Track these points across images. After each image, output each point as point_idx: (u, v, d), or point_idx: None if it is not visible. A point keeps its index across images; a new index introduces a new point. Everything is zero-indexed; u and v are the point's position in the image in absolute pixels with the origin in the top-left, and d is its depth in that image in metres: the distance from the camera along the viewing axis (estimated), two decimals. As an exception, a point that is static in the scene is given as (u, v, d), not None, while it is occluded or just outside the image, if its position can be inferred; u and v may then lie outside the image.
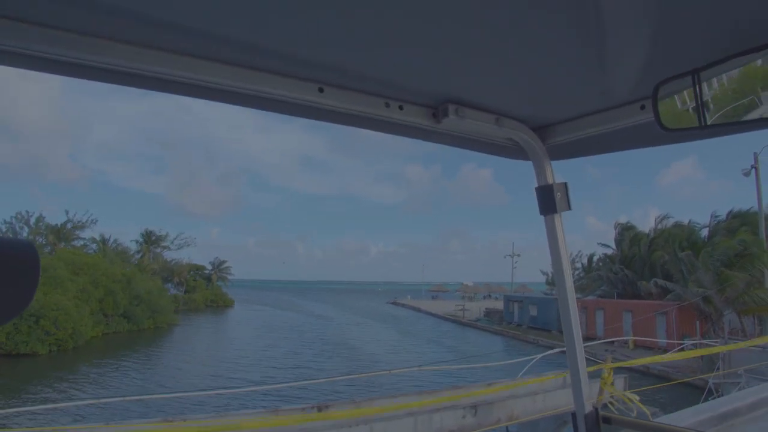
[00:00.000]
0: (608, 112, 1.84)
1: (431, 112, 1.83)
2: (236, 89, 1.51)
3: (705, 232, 40.20)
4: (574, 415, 2.30)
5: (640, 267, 44.27)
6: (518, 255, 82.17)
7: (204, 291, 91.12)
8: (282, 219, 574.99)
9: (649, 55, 1.42)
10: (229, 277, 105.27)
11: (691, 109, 1.36)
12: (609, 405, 8.74)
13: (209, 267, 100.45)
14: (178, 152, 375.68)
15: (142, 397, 8.90)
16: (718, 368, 24.05)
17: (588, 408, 2.27)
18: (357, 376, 11.81)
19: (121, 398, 21.62)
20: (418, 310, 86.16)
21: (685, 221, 43.39)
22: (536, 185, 2.25)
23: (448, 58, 1.48)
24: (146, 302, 58.17)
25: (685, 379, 23.95)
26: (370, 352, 40.10)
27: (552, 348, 12.66)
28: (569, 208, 2.22)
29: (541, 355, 14.13)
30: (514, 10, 1.24)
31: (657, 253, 41.44)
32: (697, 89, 1.31)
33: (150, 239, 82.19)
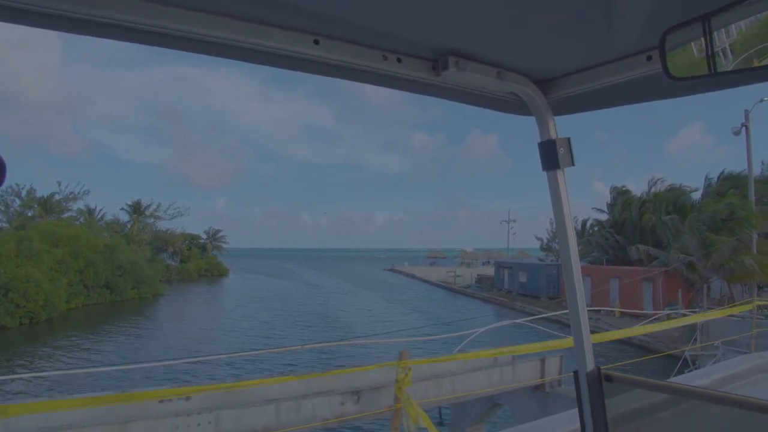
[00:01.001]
0: (613, 64, 1.75)
1: (430, 64, 1.73)
2: (228, 41, 1.42)
3: (698, 196, 38.32)
4: (576, 373, 2.17)
5: (631, 232, 42.54)
6: (514, 221, 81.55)
7: (198, 260, 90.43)
8: (287, 188, 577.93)
9: (656, 1, 1.36)
10: (228, 246, 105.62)
11: (700, 57, 1.27)
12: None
13: (204, 236, 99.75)
14: (181, 124, 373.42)
15: (69, 371, 8.07)
16: (695, 339, 23.08)
17: (590, 366, 2.13)
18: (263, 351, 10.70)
19: (54, 372, 22.35)
20: (413, 276, 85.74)
21: (685, 184, 41.56)
22: (539, 140, 2.08)
23: (448, 8, 1.41)
24: (130, 273, 57.51)
25: (664, 353, 22.78)
26: (347, 322, 39.19)
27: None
28: (573, 164, 2.05)
29: (483, 329, 12.71)
30: None
31: (646, 216, 39.65)
32: (708, 36, 1.23)
33: (139, 209, 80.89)
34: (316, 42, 1.51)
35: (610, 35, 1.57)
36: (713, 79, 1.27)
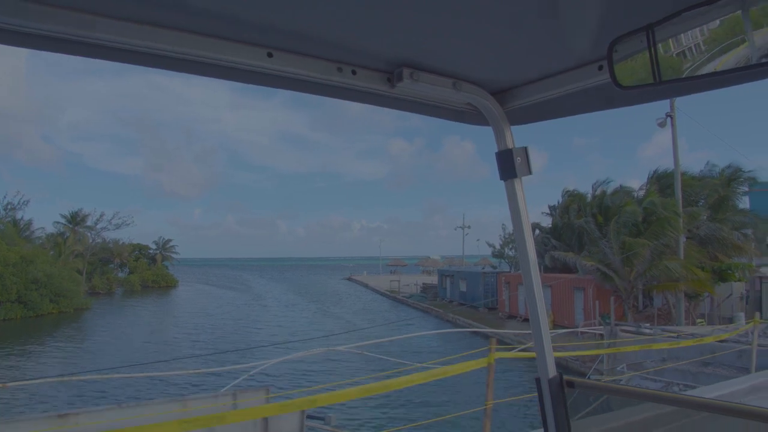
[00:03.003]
0: (566, 74, 1.77)
1: (386, 76, 1.74)
2: (181, 55, 1.42)
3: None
4: (538, 380, 2.20)
5: (569, 237, 39.31)
6: (468, 227, 78.47)
7: (145, 272, 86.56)
8: (263, 197, 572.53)
9: (603, 12, 1.39)
10: (180, 256, 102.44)
11: (647, 68, 1.33)
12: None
13: (154, 247, 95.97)
14: (154, 133, 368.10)
15: None
16: (601, 360, 20.70)
17: (551, 373, 2.15)
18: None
19: None
20: (366, 285, 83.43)
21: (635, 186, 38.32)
22: (496, 150, 2.10)
23: (402, 20, 1.42)
24: (47, 286, 53.52)
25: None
26: (256, 340, 35.65)
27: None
28: (530, 172, 2.08)
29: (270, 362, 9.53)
30: None
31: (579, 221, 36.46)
32: (652, 46, 1.29)
33: (75, 220, 76.95)
34: (270, 55, 1.51)
35: (562, 46, 1.60)
36: (659, 87, 1.32)
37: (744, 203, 33.82)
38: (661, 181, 31.94)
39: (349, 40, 1.52)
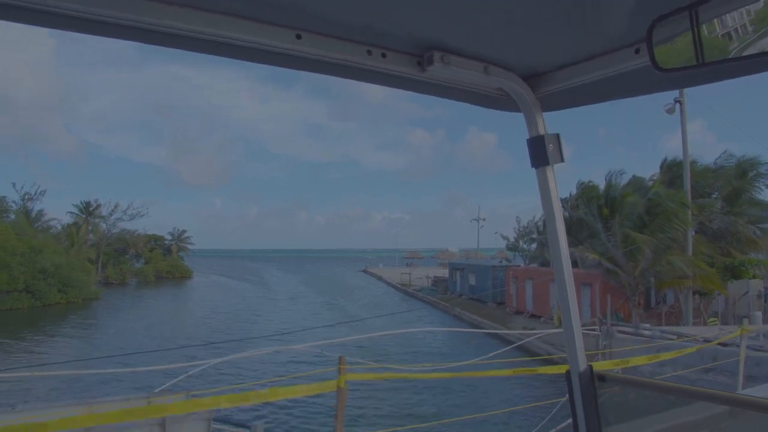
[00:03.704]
0: (602, 58, 1.73)
1: (416, 60, 1.72)
2: (208, 37, 1.40)
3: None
4: (568, 373, 2.16)
5: (578, 231, 37.76)
6: (484, 219, 77.00)
7: (159, 262, 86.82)
8: (283, 187, 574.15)
9: None
10: (195, 247, 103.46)
11: (689, 49, 1.28)
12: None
13: (169, 238, 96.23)
14: (173, 122, 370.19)
15: None
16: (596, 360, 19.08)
17: (582, 366, 2.12)
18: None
19: None
20: (380, 278, 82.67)
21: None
22: (527, 137, 2.07)
23: (433, 2, 1.40)
24: (55, 276, 53.81)
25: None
26: (249, 336, 34.88)
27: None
28: (562, 160, 2.04)
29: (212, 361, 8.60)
30: None
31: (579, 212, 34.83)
32: (695, 26, 1.24)
33: (88, 210, 77.22)
34: (299, 37, 1.49)
35: (597, 28, 1.57)
36: (702, 69, 1.28)
37: (763, 195, 31.95)
38: (672, 171, 30.12)
39: (378, 23, 1.50)
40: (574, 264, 32.44)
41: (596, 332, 19.13)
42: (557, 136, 2.01)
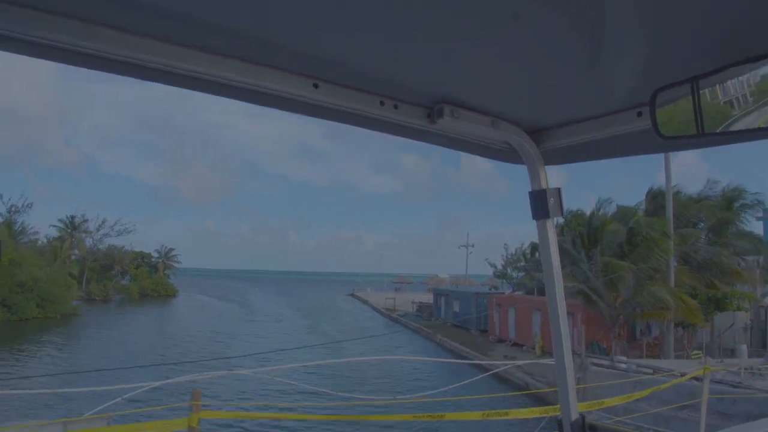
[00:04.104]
0: (605, 118, 1.80)
1: (426, 112, 1.77)
2: (229, 82, 1.44)
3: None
4: (560, 423, 2.20)
5: (561, 259, 37.04)
6: (472, 245, 76.37)
7: (144, 280, 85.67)
8: (277, 208, 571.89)
9: (647, 61, 1.42)
10: (181, 266, 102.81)
11: (689, 118, 1.33)
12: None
13: (156, 255, 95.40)
14: (173, 140, 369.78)
15: None
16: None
17: (574, 415, 2.15)
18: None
19: None
20: (366, 302, 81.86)
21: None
22: (530, 189, 2.15)
23: (445, 57, 1.47)
24: (34, 290, 53.05)
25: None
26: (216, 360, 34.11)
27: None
28: (562, 214, 2.14)
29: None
30: (513, 10, 1.25)
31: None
32: (696, 97, 1.30)
33: (73, 225, 76.47)
34: (316, 86, 1.53)
35: (602, 90, 1.62)
36: (701, 139, 1.33)
37: (750, 227, 31.40)
38: (656, 200, 29.56)
39: (392, 75, 1.55)
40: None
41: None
42: (558, 190, 2.06)
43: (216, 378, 12.77)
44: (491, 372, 18.10)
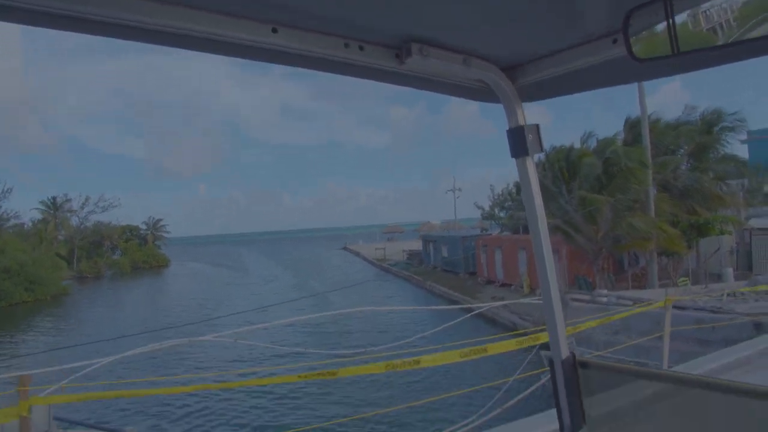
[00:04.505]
0: (580, 48, 1.74)
1: (394, 52, 1.70)
2: (184, 31, 1.38)
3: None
4: (551, 362, 2.19)
5: (543, 195, 36.62)
6: (459, 190, 75.66)
7: (135, 252, 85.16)
8: (267, 170, 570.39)
9: None
10: (171, 235, 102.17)
11: (664, 39, 1.30)
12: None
13: (144, 227, 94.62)
14: (155, 113, 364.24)
15: None
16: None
17: (564, 353, 2.14)
18: None
19: None
20: (358, 254, 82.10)
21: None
22: (507, 128, 2.10)
23: None
24: (21, 274, 52.69)
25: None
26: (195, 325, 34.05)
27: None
28: (542, 150, 2.08)
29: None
30: None
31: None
32: (671, 17, 1.26)
33: (55, 205, 75.51)
34: (275, 30, 1.48)
35: (575, 19, 1.58)
36: (678, 58, 1.30)
37: (734, 150, 30.88)
38: (635, 129, 28.82)
39: (355, 15, 1.49)
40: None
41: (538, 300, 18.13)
42: (537, 126, 2.02)
43: (175, 347, 12.33)
44: (473, 312, 18.02)
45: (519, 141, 2.01)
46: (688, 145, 28.55)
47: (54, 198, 76.33)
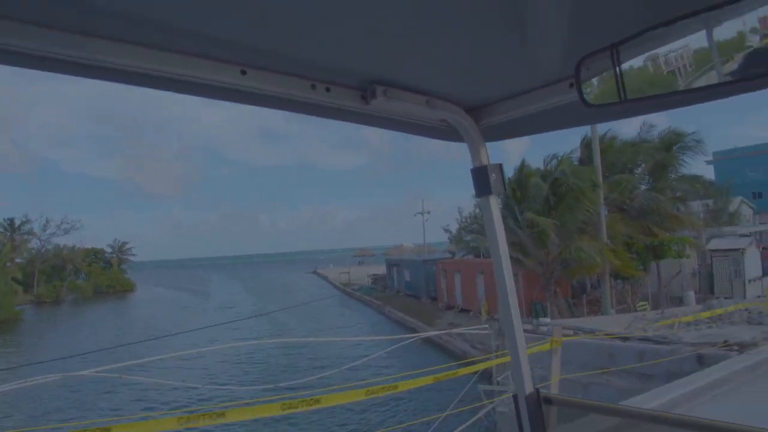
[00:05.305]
0: (539, 91, 1.79)
1: (359, 93, 1.74)
2: (155, 72, 1.40)
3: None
4: (515, 397, 2.19)
5: (504, 217, 35.56)
6: (428, 212, 74.75)
7: (99, 276, 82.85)
8: (241, 193, 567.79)
9: (572, 30, 1.41)
10: (137, 259, 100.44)
11: (613, 86, 1.33)
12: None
13: (109, 250, 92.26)
14: (129, 134, 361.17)
15: None
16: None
17: (528, 389, 2.15)
18: None
19: None
20: (326, 278, 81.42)
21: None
22: (471, 167, 2.14)
23: (375, 38, 1.45)
24: (-29, 299, 50.89)
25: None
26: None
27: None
28: (504, 190, 2.13)
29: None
30: None
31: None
32: (617, 65, 1.30)
33: (12, 227, 73.30)
34: (243, 72, 1.50)
35: (532, 63, 1.61)
36: (625, 105, 1.32)
37: (699, 171, 30.16)
38: (590, 148, 27.89)
39: (322, 58, 1.51)
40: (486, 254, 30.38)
41: (486, 331, 16.75)
42: (500, 166, 2.05)
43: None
44: (416, 337, 16.94)
45: (482, 180, 2.02)
46: (646, 162, 27.66)
47: (11, 219, 74.03)
